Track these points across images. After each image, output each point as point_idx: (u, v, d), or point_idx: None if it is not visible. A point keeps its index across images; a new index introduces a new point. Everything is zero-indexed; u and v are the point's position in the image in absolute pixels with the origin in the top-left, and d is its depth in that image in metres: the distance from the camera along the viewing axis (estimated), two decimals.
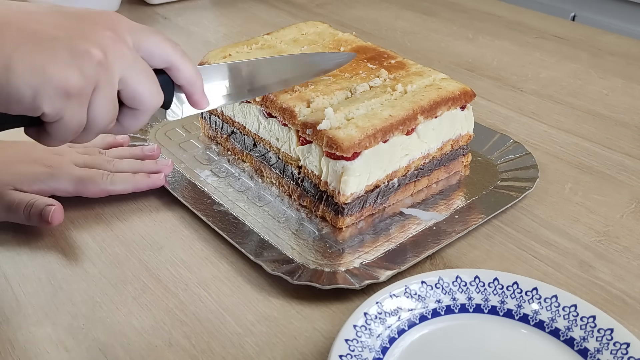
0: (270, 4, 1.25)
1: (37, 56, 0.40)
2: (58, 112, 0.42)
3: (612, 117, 0.85)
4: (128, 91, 0.46)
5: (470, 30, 1.13)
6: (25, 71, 0.40)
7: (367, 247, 0.60)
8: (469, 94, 0.68)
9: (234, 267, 0.58)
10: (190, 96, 0.53)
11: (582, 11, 1.45)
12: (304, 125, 0.61)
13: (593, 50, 1.06)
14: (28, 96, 0.40)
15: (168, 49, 0.49)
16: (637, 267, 0.59)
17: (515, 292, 0.52)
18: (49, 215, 0.58)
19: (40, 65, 0.40)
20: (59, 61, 0.41)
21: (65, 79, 0.41)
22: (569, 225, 0.64)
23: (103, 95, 0.44)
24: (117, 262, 0.58)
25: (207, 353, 0.50)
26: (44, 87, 0.41)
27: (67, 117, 0.43)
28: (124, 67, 0.45)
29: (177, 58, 0.49)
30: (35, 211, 0.59)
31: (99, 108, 0.44)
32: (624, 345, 0.47)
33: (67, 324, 0.52)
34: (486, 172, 0.71)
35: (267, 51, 0.74)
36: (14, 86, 0.40)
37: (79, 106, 0.43)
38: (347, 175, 0.59)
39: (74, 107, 0.43)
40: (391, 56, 0.73)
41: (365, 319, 0.49)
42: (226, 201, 0.65)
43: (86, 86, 0.42)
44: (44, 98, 0.41)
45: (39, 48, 0.41)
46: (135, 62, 0.46)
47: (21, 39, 0.40)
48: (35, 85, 0.40)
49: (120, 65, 0.45)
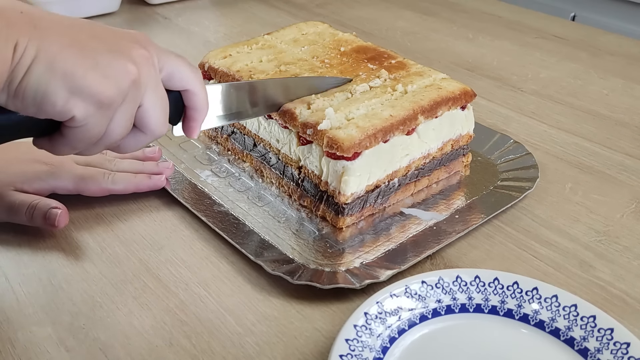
0: (270, 4, 1.25)
1: (80, 61, 0.41)
2: (85, 119, 0.43)
3: (612, 117, 0.85)
4: (142, 113, 0.47)
5: (470, 30, 1.13)
6: (67, 74, 0.41)
7: (367, 247, 0.60)
8: (469, 94, 0.68)
9: (234, 267, 0.58)
10: (191, 121, 0.52)
11: (582, 11, 1.45)
12: (305, 126, 0.61)
13: (593, 50, 1.06)
14: (63, 99, 0.41)
15: (190, 74, 0.50)
16: (638, 267, 0.59)
17: (515, 292, 0.52)
18: (56, 219, 0.58)
19: (82, 71, 0.41)
20: (99, 71, 0.42)
21: (102, 89, 0.42)
22: (569, 225, 0.64)
23: (125, 111, 0.45)
24: (117, 262, 0.58)
25: (208, 353, 0.50)
26: (80, 93, 0.41)
27: (90, 124, 0.43)
28: (149, 89, 0.46)
29: (196, 84, 0.50)
30: (39, 213, 0.59)
31: (117, 122, 0.45)
32: (624, 345, 0.47)
33: (67, 324, 0.52)
34: (486, 172, 0.71)
35: (268, 51, 0.74)
36: (53, 87, 0.40)
37: (105, 117, 0.44)
38: (348, 176, 0.59)
39: (101, 117, 0.44)
40: (391, 56, 0.73)
41: (366, 319, 0.49)
42: (226, 201, 0.65)
43: (118, 99, 0.43)
44: (77, 103, 0.42)
45: (83, 54, 0.42)
46: (156, 86, 0.47)
47: (66, 43, 0.41)
48: (73, 90, 0.41)
49: (146, 86, 0.46)
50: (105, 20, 1.15)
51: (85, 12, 1.13)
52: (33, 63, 0.39)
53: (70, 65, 0.41)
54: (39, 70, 0.40)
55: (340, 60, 0.72)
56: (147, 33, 1.11)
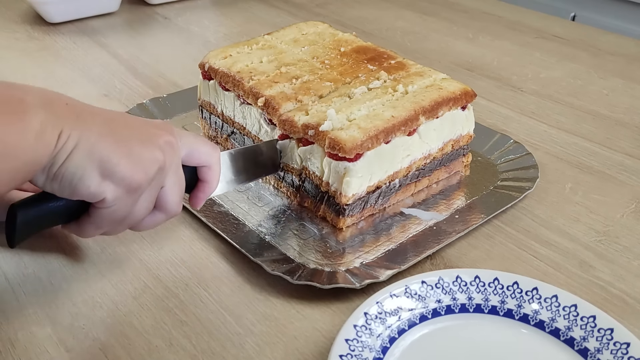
0: (271, 3, 1.25)
1: (116, 149, 0.45)
2: (114, 200, 0.47)
3: (612, 117, 0.85)
4: (162, 194, 0.50)
5: (470, 30, 1.13)
6: (103, 160, 0.45)
7: (367, 247, 0.60)
8: (469, 94, 0.68)
9: (234, 267, 0.58)
10: (199, 192, 0.55)
11: (582, 11, 1.45)
12: (306, 127, 0.61)
13: (593, 50, 1.06)
14: (96, 184, 0.45)
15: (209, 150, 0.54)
16: (638, 267, 0.59)
17: (515, 292, 0.52)
18: None
19: (117, 159, 0.45)
20: (132, 158, 0.46)
21: (133, 175, 0.46)
22: (569, 225, 0.64)
23: (149, 194, 0.49)
24: (117, 262, 0.58)
25: (208, 353, 0.50)
26: (113, 177, 0.46)
27: (117, 206, 0.47)
28: (170, 172, 0.49)
29: (214, 163, 0.54)
30: None
31: (142, 204, 0.49)
32: (624, 345, 0.47)
33: (67, 324, 0.52)
34: (486, 172, 0.71)
35: (268, 51, 0.74)
36: (89, 171, 0.45)
37: (132, 200, 0.48)
38: (349, 177, 0.59)
39: (128, 200, 0.48)
40: (391, 56, 0.73)
41: (366, 319, 0.49)
42: (226, 201, 0.65)
43: (145, 184, 0.47)
44: (109, 186, 0.46)
45: (118, 144, 0.46)
46: (177, 169, 0.51)
47: (104, 132, 0.45)
48: (107, 174, 0.45)
49: (169, 170, 0.49)
50: (105, 20, 1.15)
51: (85, 12, 1.13)
52: (74, 149, 0.43)
53: (107, 153, 0.45)
54: (79, 156, 0.44)
55: (340, 60, 0.72)
56: (147, 33, 1.11)
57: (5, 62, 0.98)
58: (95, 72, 0.96)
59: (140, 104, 0.81)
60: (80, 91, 0.88)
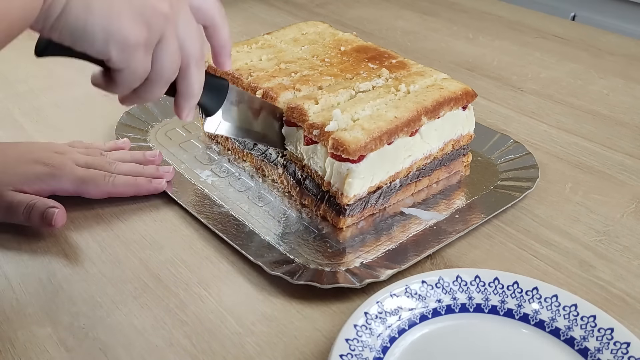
0: (271, 3, 1.25)
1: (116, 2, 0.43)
2: (123, 60, 0.44)
3: (612, 117, 0.85)
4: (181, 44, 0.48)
5: (470, 30, 1.13)
6: (103, 15, 0.42)
7: (367, 247, 0.60)
8: (470, 94, 0.68)
9: (234, 267, 0.58)
10: (218, 57, 0.55)
11: (582, 11, 1.45)
12: (311, 126, 0.61)
13: (593, 50, 1.06)
14: (100, 40, 0.43)
15: (215, 9, 0.52)
16: (638, 267, 0.59)
17: (515, 292, 0.52)
18: (53, 218, 0.58)
19: (117, 12, 0.43)
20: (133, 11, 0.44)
21: (132, 31, 0.44)
22: (569, 225, 0.64)
23: (167, 47, 0.47)
24: (117, 262, 0.58)
25: (208, 353, 0.50)
26: (114, 35, 0.43)
27: (132, 66, 0.45)
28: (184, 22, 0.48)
29: (220, 19, 0.53)
30: (36, 213, 0.59)
31: (164, 59, 0.47)
32: (624, 344, 0.47)
33: (67, 324, 0.52)
34: (486, 172, 0.71)
35: (267, 50, 0.74)
36: (90, 27, 0.42)
37: (144, 56, 0.45)
38: (352, 178, 0.59)
39: (139, 57, 0.45)
40: (392, 56, 0.73)
41: (366, 319, 0.49)
42: (227, 202, 0.65)
43: (151, 38, 0.45)
44: (113, 44, 0.43)
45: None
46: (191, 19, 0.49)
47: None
48: (109, 31, 0.43)
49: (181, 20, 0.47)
50: None
51: None
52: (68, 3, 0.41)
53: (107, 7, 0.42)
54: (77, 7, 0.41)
55: (341, 59, 0.73)
56: None
57: (5, 62, 0.98)
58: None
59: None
60: (80, 91, 0.88)
